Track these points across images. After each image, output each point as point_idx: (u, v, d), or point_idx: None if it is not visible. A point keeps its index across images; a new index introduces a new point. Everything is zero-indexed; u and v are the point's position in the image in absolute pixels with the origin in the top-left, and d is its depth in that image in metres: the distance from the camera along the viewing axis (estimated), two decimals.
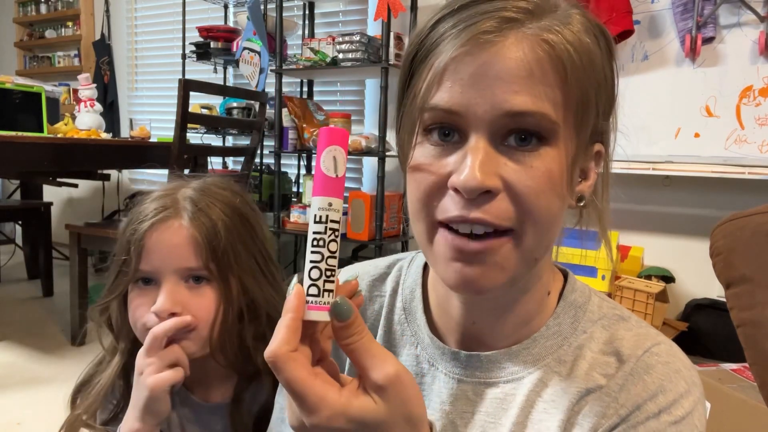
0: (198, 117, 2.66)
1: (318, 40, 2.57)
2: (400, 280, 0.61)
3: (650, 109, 2.12)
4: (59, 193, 3.83)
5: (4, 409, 1.84)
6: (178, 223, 0.75)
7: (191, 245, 0.74)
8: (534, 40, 0.43)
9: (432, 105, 0.45)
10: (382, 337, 0.59)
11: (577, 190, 0.49)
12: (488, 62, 0.42)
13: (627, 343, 0.51)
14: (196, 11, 3.46)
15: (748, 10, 1.94)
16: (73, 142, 2.37)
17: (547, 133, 0.44)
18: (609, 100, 0.49)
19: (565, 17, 0.45)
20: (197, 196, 0.78)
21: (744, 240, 0.95)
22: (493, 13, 0.43)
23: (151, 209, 0.77)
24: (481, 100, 0.43)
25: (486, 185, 0.43)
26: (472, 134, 0.44)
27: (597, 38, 0.46)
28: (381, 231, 2.37)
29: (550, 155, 0.44)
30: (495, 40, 0.42)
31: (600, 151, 0.50)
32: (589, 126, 0.46)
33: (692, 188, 2.15)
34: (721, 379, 1.30)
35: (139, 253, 0.75)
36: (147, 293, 0.75)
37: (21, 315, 2.81)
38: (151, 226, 0.75)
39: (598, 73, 0.45)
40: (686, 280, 2.17)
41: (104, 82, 3.98)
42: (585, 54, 0.44)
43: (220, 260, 0.75)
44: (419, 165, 0.47)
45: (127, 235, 0.77)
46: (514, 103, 0.42)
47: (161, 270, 0.74)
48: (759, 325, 0.93)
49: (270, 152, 2.84)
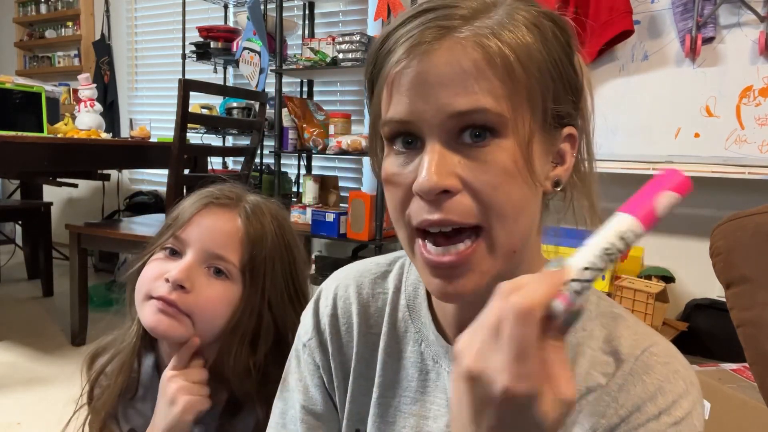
0: (198, 117, 2.66)
1: (318, 40, 2.57)
2: (402, 277, 0.62)
3: (650, 109, 2.12)
4: (59, 193, 3.83)
5: (4, 409, 1.84)
6: (233, 214, 0.76)
7: (234, 238, 0.74)
8: (467, 44, 0.44)
9: (387, 118, 0.47)
10: (387, 334, 0.59)
11: (552, 174, 0.50)
12: (425, 70, 0.45)
13: (625, 342, 0.51)
14: (196, 11, 3.46)
15: (748, 10, 1.94)
16: (73, 142, 2.37)
17: (495, 125, 0.45)
18: (567, 84, 0.49)
19: (505, 14, 0.46)
20: (257, 203, 0.79)
21: (744, 240, 0.95)
22: (430, 23, 0.45)
23: (212, 194, 0.78)
24: (426, 106, 0.45)
25: (441, 185, 0.44)
26: (427, 139, 0.46)
27: (540, 28, 0.47)
28: (381, 231, 2.37)
29: (503, 146, 0.45)
30: (429, 49, 0.44)
31: (572, 133, 0.51)
32: (540, 111, 0.47)
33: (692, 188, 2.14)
34: (721, 379, 1.30)
35: (184, 222, 0.74)
36: (167, 262, 0.74)
37: (21, 315, 2.81)
38: (208, 204, 0.76)
39: (541, 63, 0.46)
40: (686, 280, 2.17)
41: (104, 82, 3.98)
42: (521, 47, 0.45)
43: (256, 267, 0.75)
44: (388, 176, 0.49)
45: (181, 207, 0.77)
46: (455, 105, 0.44)
47: (193, 243, 0.74)
48: (759, 325, 0.93)
49: (270, 152, 2.84)
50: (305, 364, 0.63)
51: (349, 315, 0.61)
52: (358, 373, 0.60)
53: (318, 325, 0.62)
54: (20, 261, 3.49)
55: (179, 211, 0.77)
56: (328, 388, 0.62)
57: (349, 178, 3.09)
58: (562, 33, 0.49)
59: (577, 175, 0.53)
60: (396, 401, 0.58)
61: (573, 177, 0.53)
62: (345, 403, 0.60)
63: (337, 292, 0.62)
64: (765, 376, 0.94)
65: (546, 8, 0.49)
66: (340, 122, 2.57)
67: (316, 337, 0.62)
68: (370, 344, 0.60)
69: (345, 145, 2.44)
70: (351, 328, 0.61)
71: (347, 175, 3.10)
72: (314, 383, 0.62)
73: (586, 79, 0.51)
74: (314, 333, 0.62)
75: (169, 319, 0.72)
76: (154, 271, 0.74)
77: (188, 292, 0.72)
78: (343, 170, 3.12)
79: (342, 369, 0.61)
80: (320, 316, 0.62)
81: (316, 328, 0.62)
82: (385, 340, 0.59)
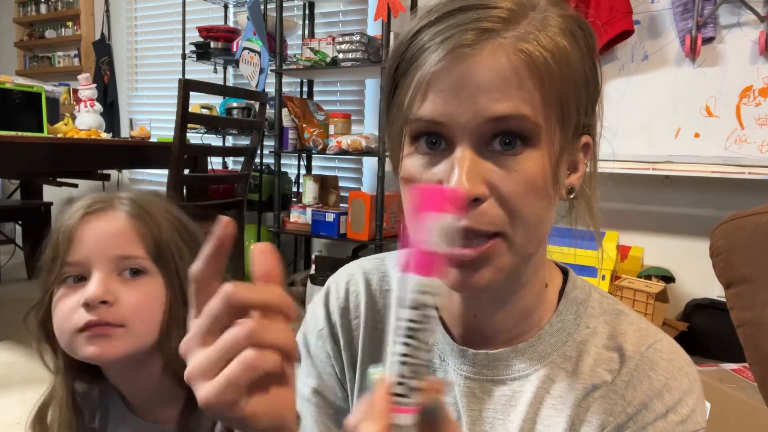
0: (198, 117, 2.66)
1: (318, 40, 2.57)
2: None
3: (650, 109, 2.12)
4: (59, 193, 3.83)
5: (4, 409, 1.84)
6: (113, 213, 0.69)
7: (129, 233, 0.68)
8: (509, 50, 0.44)
9: (417, 116, 0.46)
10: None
11: (566, 182, 0.51)
12: (467, 74, 0.44)
13: (629, 338, 0.52)
14: (196, 11, 3.46)
15: (748, 10, 1.94)
16: (73, 142, 2.37)
17: (530, 133, 0.45)
18: (591, 93, 0.49)
19: (542, 20, 0.46)
20: (131, 195, 0.73)
21: (744, 240, 0.95)
22: (470, 24, 0.44)
23: (83, 205, 0.70)
24: (462, 109, 0.44)
25: (474, 194, 0.44)
26: (458, 143, 0.45)
27: (575, 36, 0.47)
28: (381, 231, 2.37)
29: (534, 157, 0.45)
30: (472, 52, 0.44)
31: (588, 142, 0.51)
32: (572, 123, 0.47)
33: (692, 188, 2.15)
34: (721, 379, 1.30)
35: (68, 245, 0.67)
36: (75, 291, 0.67)
37: (21, 315, 2.80)
38: (83, 216, 0.68)
39: (576, 72, 0.46)
40: (686, 280, 2.17)
41: (104, 82, 3.98)
42: (562, 57, 0.45)
43: (162, 252, 0.69)
44: (410, 176, 0.48)
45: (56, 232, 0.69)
46: (494, 109, 0.44)
47: (92, 259, 0.67)
48: (759, 325, 0.93)
49: (270, 152, 2.84)
50: (317, 351, 0.63)
51: (359, 309, 0.61)
52: (365, 368, 0.60)
53: (329, 317, 0.62)
54: (20, 261, 3.49)
55: (56, 240, 0.69)
56: (340, 378, 0.62)
57: (349, 178, 3.09)
58: (591, 39, 0.48)
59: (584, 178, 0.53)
60: None
61: None
62: (354, 397, 0.61)
63: (349, 287, 0.62)
64: (765, 376, 0.94)
65: (573, 11, 0.48)
66: (340, 122, 2.57)
67: (327, 328, 0.62)
68: (376, 340, 0.60)
69: (345, 145, 2.44)
70: (360, 322, 0.61)
71: (347, 175, 3.10)
72: (327, 371, 0.62)
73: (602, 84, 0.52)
74: (326, 323, 0.62)
75: (105, 340, 0.66)
76: (66, 306, 0.67)
77: (112, 304, 0.66)
78: (343, 170, 3.12)
79: (351, 363, 0.61)
80: (331, 309, 0.62)
81: (328, 319, 0.62)
82: None
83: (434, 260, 0.31)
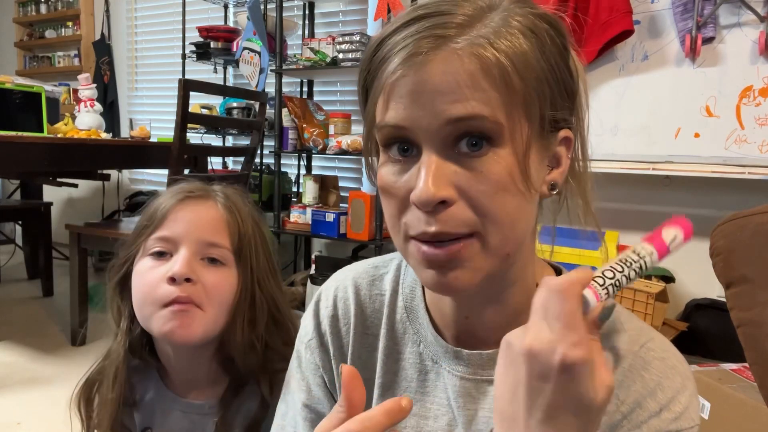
0: (198, 117, 2.66)
1: (318, 40, 2.57)
2: (399, 279, 0.62)
3: (650, 109, 2.12)
4: (59, 193, 3.83)
5: (4, 409, 1.84)
6: (210, 202, 0.76)
7: (220, 224, 0.74)
8: (463, 54, 0.44)
9: (383, 123, 0.47)
10: (385, 336, 0.60)
11: (548, 178, 0.51)
12: (423, 80, 0.45)
13: (622, 337, 0.52)
14: (196, 11, 3.46)
15: (748, 10, 1.94)
16: (73, 142, 2.37)
17: (493, 133, 0.45)
18: (563, 88, 0.49)
19: (501, 20, 0.46)
20: (225, 190, 0.80)
21: (744, 240, 0.95)
22: (425, 32, 0.45)
23: (184, 188, 0.77)
24: (422, 113, 0.45)
25: (439, 196, 0.44)
26: (424, 147, 0.46)
27: (535, 33, 0.47)
28: (381, 231, 2.37)
29: (500, 155, 0.45)
30: (426, 59, 0.45)
31: (568, 136, 0.51)
32: (537, 119, 0.47)
33: (692, 188, 2.15)
34: (721, 379, 1.30)
35: (163, 220, 0.73)
36: (159, 264, 0.73)
37: (21, 315, 2.81)
38: (184, 199, 0.75)
39: (538, 69, 0.46)
40: (686, 280, 2.17)
41: (104, 82, 3.98)
42: (518, 56, 0.45)
43: (243, 248, 0.75)
44: (385, 185, 0.49)
45: (154, 206, 0.75)
46: (451, 111, 0.44)
47: (182, 238, 0.73)
48: (759, 325, 0.93)
49: (270, 152, 2.84)
50: (306, 363, 0.63)
51: (348, 316, 0.61)
52: None
53: (319, 327, 0.62)
54: (20, 261, 3.49)
55: (154, 212, 0.76)
56: (330, 388, 0.62)
57: (349, 178, 3.09)
58: (559, 36, 0.48)
59: (572, 175, 0.53)
60: None
61: (567, 178, 0.53)
62: None
63: (337, 294, 0.63)
64: (765, 376, 0.94)
65: (541, 9, 0.48)
66: (340, 122, 2.57)
67: (316, 338, 0.62)
68: (366, 345, 0.61)
69: (345, 145, 2.44)
70: (349, 329, 0.61)
71: (347, 175, 3.10)
72: (316, 382, 0.62)
73: (581, 79, 0.52)
74: (315, 334, 0.62)
75: (186, 319, 0.71)
76: (151, 278, 0.73)
77: (195, 284, 0.71)
78: (343, 170, 3.12)
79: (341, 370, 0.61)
80: (321, 318, 0.63)
81: (317, 329, 0.62)
82: (383, 341, 0.59)
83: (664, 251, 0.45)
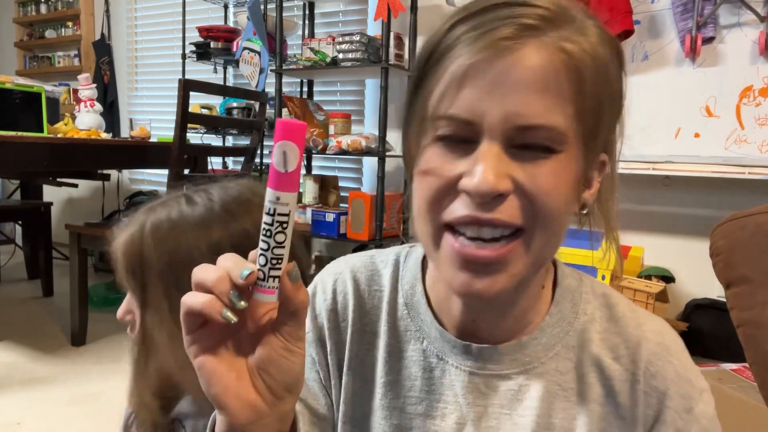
0: (198, 117, 2.65)
1: (318, 40, 2.57)
2: (398, 275, 0.60)
3: (650, 109, 2.12)
4: (59, 193, 3.83)
5: (4, 409, 1.84)
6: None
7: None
8: (552, 49, 0.42)
9: (448, 114, 0.44)
10: (386, 333, 0.58)
11: (581, 197, 0.50)
12: (506, 70, 0.42)
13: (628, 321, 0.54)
14: (196, 11, 3.46)
15: (748, 10, 1.94)
16: (73, 142, 2.37)
17: (557, 144, 0.44)
18: (618, 111, 0.49)
19: (582, 28, 0.45)
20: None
21: (744, 240, 0.95)
22: (513, 19, 0.43)
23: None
24: (495, 109, 0.43)
25: (498, 189, 0.43)
26: (485, 138, 0.44)
27: (611, 50, 0.46)
28: (381, 231, 2.37)
29: (559, 162, 0.44)
30: (514, 47, 0.42)
31: (604, 160, 0.51)
32: (599, 137, 0.47)
33: (692, 188, 2.15)
34: (721, 379, 1.30)
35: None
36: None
37: (21, 315, 2.81)
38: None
39: (611, 85, 0.46)
40: (686, 280, 2.17)
41: (104, 82, 3.98)
42: (601, 65, 0.44)
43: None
44: (430, 167, 0.46)
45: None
46: (527, 116, 0.42)
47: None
48: (759, 325, 0.93)
49: (270, 152, 2.84)
50: None
51: (347, 311, 0.59)
52: (353, 372, 0.58)
53: (315, 320, 0.59)
54: (20, 261, 3.49)
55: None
56: (325, 384, 0.59)
57: (349, 178, 3.09)
58: (621, 56, 0.48)
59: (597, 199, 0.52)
60: (400, 402, 0.56)
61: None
62: (339, 403, 0.59)
63: (336, 287, 0.60)
64: (765, 376, 0.94)
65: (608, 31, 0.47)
66: (340, 122, 2.57)
67: (313, 331, 0.59)
68: (365, 343, 0.59)
69: (345, 145, 2.44)
70: (348, 325, 0.59)
71: (347, 175, 3.10)
72: (312, 377, 0.59)
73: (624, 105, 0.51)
74: (311, 326, 0.59)
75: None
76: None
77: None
78: (343, 170, 3.12)
79: (338, 366, 0.59)
80: (317, 310, 0.59)
81: (314, 322, 0.59)
82: (385, 339, 0.58)
83: (279, 178, 0.38)
